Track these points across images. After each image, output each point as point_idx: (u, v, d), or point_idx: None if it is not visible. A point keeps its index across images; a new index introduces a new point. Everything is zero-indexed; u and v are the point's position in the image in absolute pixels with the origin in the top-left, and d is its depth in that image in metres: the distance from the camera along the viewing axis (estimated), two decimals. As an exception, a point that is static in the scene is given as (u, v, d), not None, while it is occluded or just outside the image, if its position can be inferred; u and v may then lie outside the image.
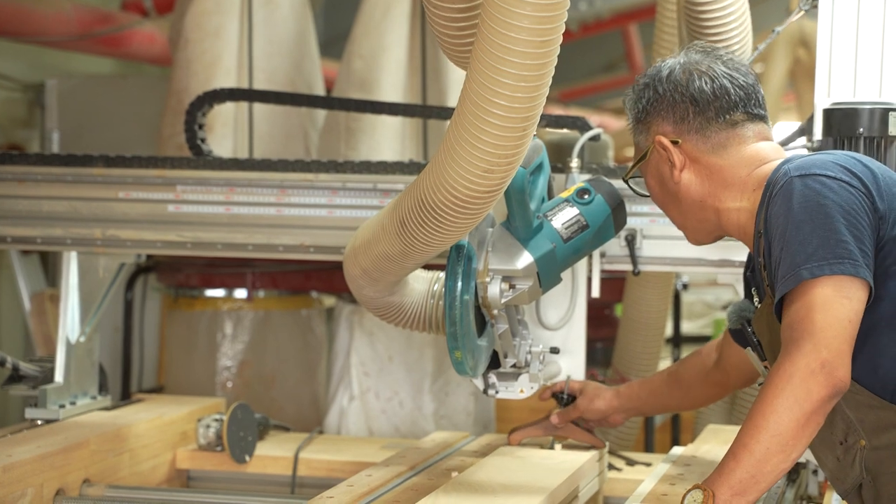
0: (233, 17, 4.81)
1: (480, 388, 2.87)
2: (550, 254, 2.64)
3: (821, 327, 2.08)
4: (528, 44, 1.97)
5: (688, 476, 2.77)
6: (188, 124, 3.47)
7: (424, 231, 2.35)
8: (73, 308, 3.45)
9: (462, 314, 2.54)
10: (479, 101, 2.06)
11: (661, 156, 2.42)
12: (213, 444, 3.41)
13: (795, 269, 2.12)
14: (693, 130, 2.39)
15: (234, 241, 3.37)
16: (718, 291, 7.39)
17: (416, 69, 4.87)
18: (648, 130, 2.45)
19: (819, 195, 2.16)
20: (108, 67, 6.84)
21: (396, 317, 2.87)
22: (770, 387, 2.09)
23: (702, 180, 2.39)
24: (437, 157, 2.25)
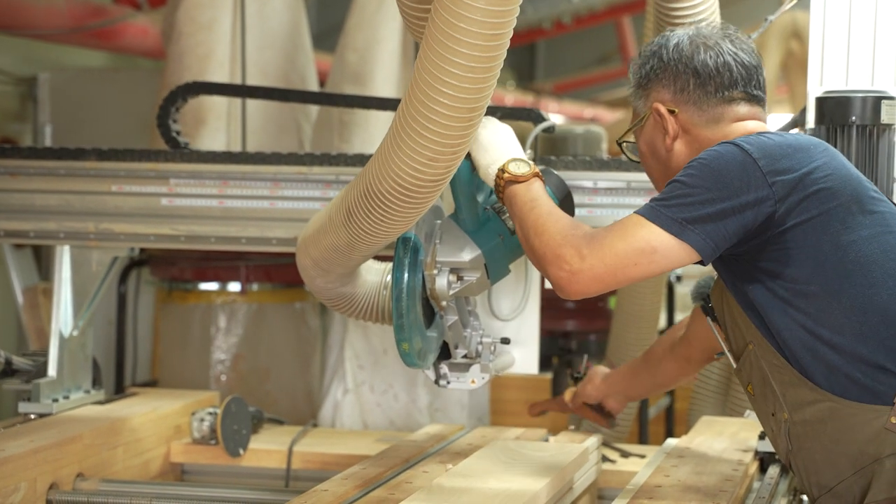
0: (226, 10, 4.80)
1: (432, 378, 2.87)
2: (498, 246, 2.66)
3: (608, 250, 2.19)
4: (479, 35, 2.00)
5: (682, 467, 2.77)
6: (161, 119, 3.46)
7: (370, 220, 2.37)
8: (67, 302, 3.44)
9: (409, 306, 2.55)
10: (427, 89, 2.08)
11: (656, 123, 2.45)
12: (207, 437, 3.41)
13: (649, 202, 2.24)
14: (691, 102, 2.42)
15: (228, 235, 3.37)
16: (712, 283, 7.40)
17: (410, 62, 4.86)
18: (648, 97, 2.47)
19: (717, 157, 2.23)
20: (100, 61, 6.82)
21: (348, 307, 2.89)
22: (561, 223, 2.27)
23: (690, 152, 2.41)
24: (383, 145, 2.26)
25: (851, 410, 2.22)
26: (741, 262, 2.29)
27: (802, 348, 2.25)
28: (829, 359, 2.23)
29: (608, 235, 2.22)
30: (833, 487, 2.25)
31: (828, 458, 2.26)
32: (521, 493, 2.44)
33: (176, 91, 3.51)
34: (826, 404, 2.24)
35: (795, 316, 2.25)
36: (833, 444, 2.25)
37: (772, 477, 2.84)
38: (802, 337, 2.25)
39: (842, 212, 2.24)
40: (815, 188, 2.23)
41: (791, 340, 2.26)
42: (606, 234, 2.22)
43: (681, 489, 2.59)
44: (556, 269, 2.23)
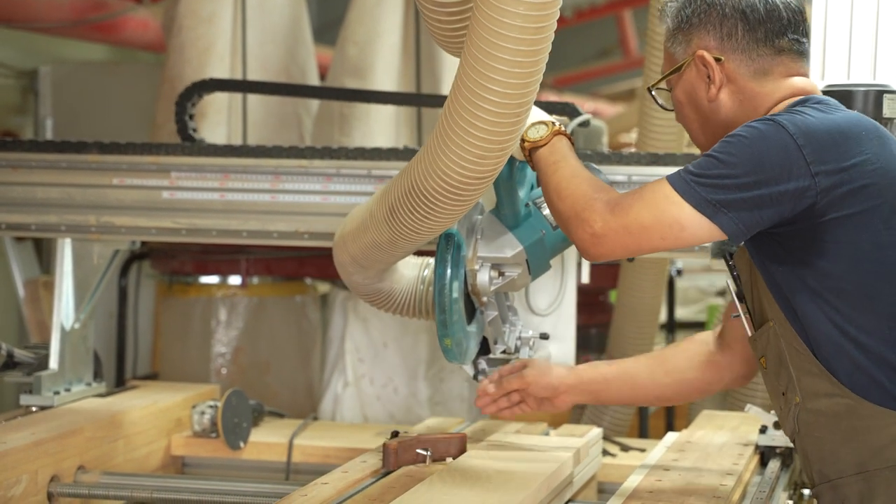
0: (226, 3, 4.80)
1: (470, 374, 2.87)
2: (539, 241, 2.64)
3: (634, 219, 2.13)
4: (523, 30, 1.96)
5: (682, 461, 2.77)
6: (178, 115, 3.46)
7: (414, 218, 2.34)
8: (68, 295, 3.44)
9: (451, 302, 2.54)
10: (474, 86, 2.05)
11: (699, 71, 2.30)
12: (207, 430, 3.41)
13: (680, 170, 2.15)
14: (738, 50, 2.27)
15: (229, 228, 3.37)
16: (713, 277, 7.39)
17: (411, 55, 4.86)
18: (689, 42, 2.31)
19: (760, 137, 2.12)
20: (101, 54, 6.82)
21: (386, 303, 2.86)
22: (584, 186, 2.21)
23: (734, 103, 2.29)
24: (429, 143, 2.24)
25: (870, 412, 2.16)
26: (772, 242, 2.19)
27: (828, 341, 2.18)
28: (855, 357, 2.16)
29: (635, 203, 2.14)
30: (833, 480, 2.23)
31: (835, 451, 2.22)
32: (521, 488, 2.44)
33: (192, 87, 3.51)
34: (844, 401, 2.18)
35: (825, 309, 2.17)
36: (844, 440, 2.20)
37: (772, 471, 2.84)
38: (829, 331, 2.18)
39: (886, 210, 2.13)
40: (861, 183, 2.12)
41: (816, 332, 2.19)
42: (634, 202, 2.15)
43: (681, 483, 2.59)
44: (580, 231, 2.18)
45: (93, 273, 3.51)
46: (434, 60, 4.85)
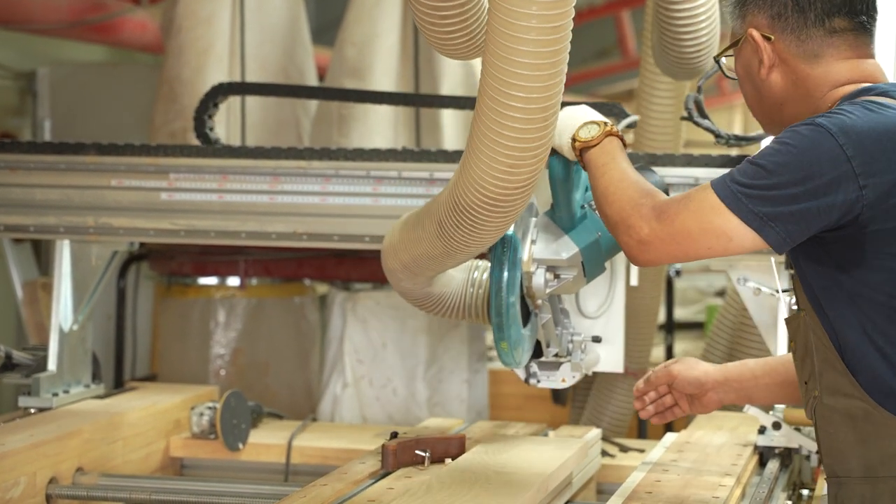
0: (225, 4, 4.80)
1: (522, 377, 2.85)
2: (595, 243, 2.61)
3: (680, 229, 2.11)
4: (540, 31, 1.94)
5: (681, 462, 2.77)
6: (198, 118, 3.45)
7: (462, 232, 2.31)
8: (66, 296, 3.44)
9: (508, 304, 2.52)
10: (497, 95, 2.03)
11: (752, 48, 2.26)
12: (206, 431, 3.41)
13: (725, 176, 2.11)
14: (789, 30, 2.22)
15: (227, 229, 3.37)
16: (711, 278, 7.40)
17: (409, 56, 4.86)
18: (744, 18, 2.28)
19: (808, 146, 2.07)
20: (99, 55, 6.82)
21: (435, 307, 2.82)
22: (631, 190, 2.20)
23: (786, 85, 2.25)
24: (464, 156, 2.21)
25: (886, 421, 2.14)
26: (812, 242, 2.15)
27: (855, 346, 2.15)
28: (878, 365, 2.14)
29: (681, 212, 2.11)
30: (840, 478, 2.22)
31: (845, 451, 2.20)
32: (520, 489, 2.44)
33: (212, 91, 3.51)
34: (861, 404, 2.16)
35: (857, 315, 2.14)
36: (856, 442, 2.19)
37: (771, 471, 2.84)
38: (858, 337, 2.15)
39: None
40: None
41: (845, 334, 2.16)
42: (680, 210, 2.12)
43: (680, 484, 2.59)
44: (626, 237, 2.16)
45: (91, 274, 3.51)
46: (432, 61, 4.85)
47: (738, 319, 4.90)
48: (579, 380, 2.84)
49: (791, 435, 2.90)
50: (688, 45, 3.17)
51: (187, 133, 4.66)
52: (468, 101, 3.95)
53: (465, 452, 2.74)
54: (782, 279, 3.06)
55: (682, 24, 3.10)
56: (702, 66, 3.21)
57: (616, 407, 4.75)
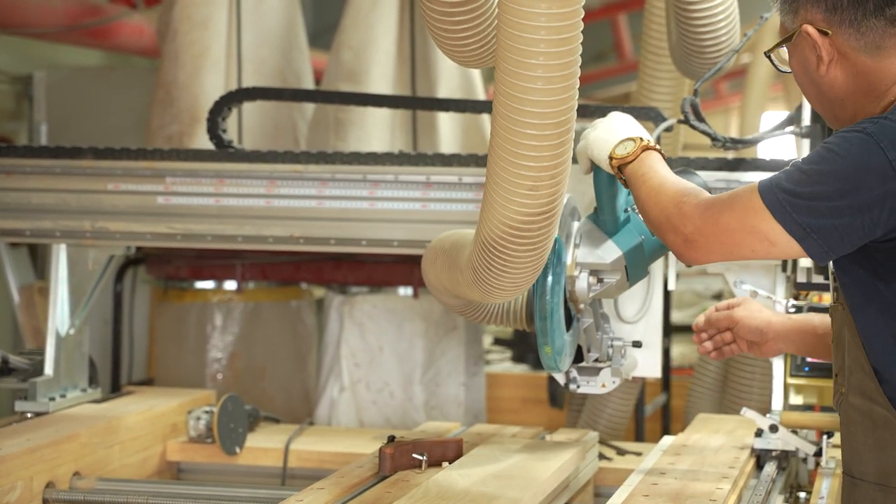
0: (221, 7, 4.80)
1: (562, 382, 2.85)
2: (638, 247, 2.61)
3: (724, 228, 2.09)
4: (549, 43, 1.93)
5: (678, 465, 2.77)
6: (211, 122, 3.44)
7: (493, 274, 2.29)
8: (63, 301, 3.44)
9: (553, 308, 2.51)
10: (510, 112, 2.02)
11: (809, 45, 2.15)
12: (203, 435, 3.41)
13: (772, 179, 2.07)
14: (846, 23, 2.11)
15: (224, 233, 3.36)
16: (708, 281, 7.40)
17: (406, 60, 4.86)
18: (796, 13, 2.17)
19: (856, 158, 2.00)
20: (96, 59, 6.81)
21: (476, 313, 2.80)
22: (672, 190, 2.18)
23: (848, 79, 2.14)
24: (485, 189, 2.19)
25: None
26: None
27: (884, 353, 2.12)
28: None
29: (724, 212, 2.08)
30: (854, 478, 2.20)
31: (862, 453, 2.19)
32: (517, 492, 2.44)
33: (228, 95, 3.51)
34: (884, 412, 2.14)
35: (889, 323, 2.11)
36: (874, 447, 2.17)
37: (768, 474, 2.84)
38: (886, 345, 2.12)
39: None
40: None
41: (876, 340, 2.13)
42: (723, 210, 2.09)
43: (677, 487, 2.59)
44: (672, 235, 2.15)
45: (88, 279, 3.51)
46: (429, 65, 4.85)
47: (735, 322, 4.90)
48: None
49: (788, 438, 2.90)
50: (707, 43, 3.16)
51: (184, 137, 4.66)
52: (468, 104, 3.95)
53: (462, 456, 2.74)
54: (780, 283, 3.06)
55: (701, 23, 3.10)
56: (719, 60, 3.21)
57: (613, 410, 4.75)
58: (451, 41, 2.42)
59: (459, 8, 2.31)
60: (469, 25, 2.38)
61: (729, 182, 3.13)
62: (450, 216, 3.24)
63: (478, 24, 2.38)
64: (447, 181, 3.25)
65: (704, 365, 5.02)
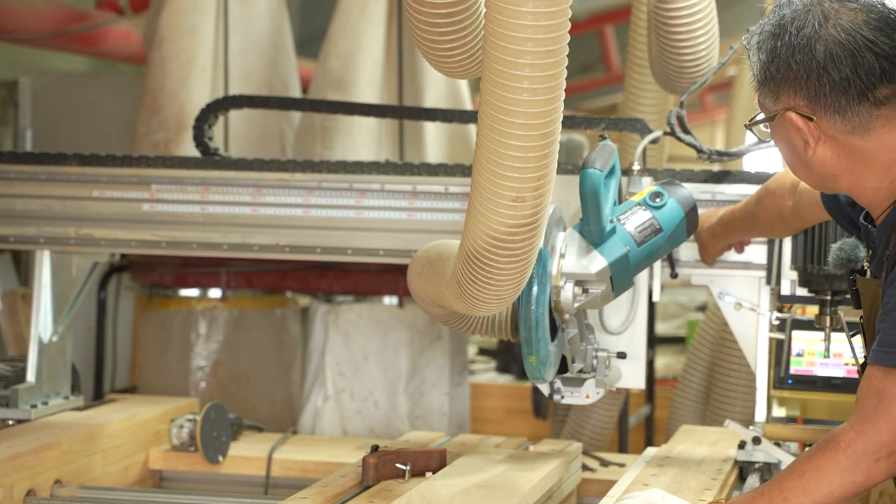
0: (208, 15, 4.80)
1: (546, 393, 2.85)
2: (624, 258, 2.61)
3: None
4: (535, 55, 1.93)
5: (661, 476, 2.77)
6: (197, 129, 3.44)
7: (477, 287, 2.28)
8: (46, 307, 3.43)
9: (538, 319, 2.51)
10: (495, 123, 2.02)
11: (793, 127, 2.12)
12: (186, 444, 3.40)
13: (886, 351, 2.03)
14: (832, 109, 2.08)
15: (210, 241, 3.36)
16: (692, 292, 7.42)
17: (393, 68, 4.87)
18: (777, 98, 2.14)
19: None
20: (82, 65, 6.80)
21: (462, 324, 2.80)
22: (834, 450, 2.05)
23: (839, 157, 2.11)
24: (469, 200, 2.19)
25: None
26: None
27: None
28: None
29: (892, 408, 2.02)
30: None
31: None
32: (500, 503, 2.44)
33: (215, 102, 3.50)
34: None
35: None
36: None
37: (751, 486, 2.84)
38: None
39: None
40: None
41: None
42: (890, 407, 2.02)
43: (660, 498, 2.59)
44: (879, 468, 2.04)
45: (71, 285, 3.50)
46: (416, 74, 4.86)
47: (718, 334, 4.92)
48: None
49: (771, 450, 2.90)
50: (686, 56, 3.17)
51: (170, 144, 4.66)
52: (455, 114, 3.95)
53: (445, 466, 2.73)
54: (764, 295, 3.07)
55: (681, 37, 3.11)
56: (700, 77, 3.22)
57: (597, 421, 4.76)
58: (437, 52, 2.42)
59: (446, 19, 2.31)
60: (455, 37, 2.38)
61: (714, 194, 3.14)
62: (436, 226, 3.24)
63: (464, 35, 2.38)
64: (433, 191, 3.25)
65: (688, 376, 5.03)
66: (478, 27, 2.40)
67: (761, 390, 3.07)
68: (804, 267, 2.89)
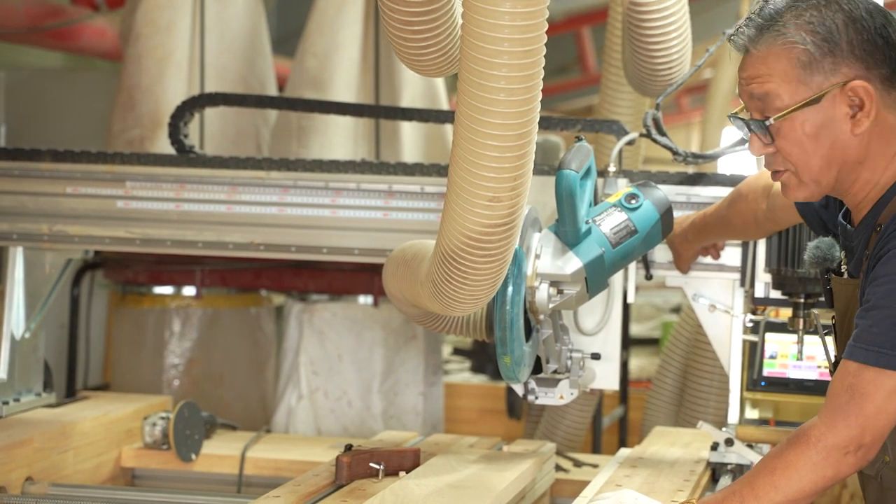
0: (185, 12, 4.78)
1: (520, 393, 2.85)
2: (599, 259, 2.61)
3: (874, 414, 2.03)
4: (512, 55, 1.94)
5: (634, 477, 2.78)
6: (173, 130, 3.43)
7: (452, 287, 2.28)
8: (19, 304, 3.41)
9: (513, 319, 2.51)
10: (472, 123, 2.02)
11: (843, 103, 2.06)
12: (159, 442, 3.39)
13: (872, 347, 2.03)
14: (882, 79, 2.06)
15: (184, 239, 3.34)
16: (667, 294, 7.44)
17: (370, 68, 4.87)
18: (836, 71, 2.05)
19: None
20: (57, 61, 6.76)
21: (437, 324, 2.80)
22: (804, 446, 2.06)
23: (872, 138, 2.09)
24: (445, 200, 2.19)
25: None
26: None
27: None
28: None
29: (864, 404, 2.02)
30: None
31: None
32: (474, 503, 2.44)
33: (191, 100, 3.49)
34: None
35: None
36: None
37: (723, 488, 2.85)
38: None
39: None
40: None
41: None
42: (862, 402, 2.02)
43: (633, 499, 2.59)
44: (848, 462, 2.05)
45: (44, 282, 3.48)
46: (393, 73, 4.85)
47: (692, 336, 4.94)
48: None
49: (743, 452, 2.91)
50: (659, 60, 3.19)
51: (145, 141, 4.64)
52: (431, 114, 3.95)
53: (419, 466, 2.73)
54: (738, 297, 3.08)
55: (654, 40, 3.12)
56: (673, 81, 3.23)
57: (570, 422, 4.77)
58: (410, 50, 2.42)
59: (419, 17, 2.31)
60: (429, 35, 2.38)
61: (689, 196, 3.15)
62: (411, 225, 3.24)
63: (438, 33, 2.38)
64: (409, 190, 3.25)
65: (662, 378, 5.05)
66: (451, 25, 2.40)
67: (734, 392, 3.08)
68: (778, 269, 2.91)
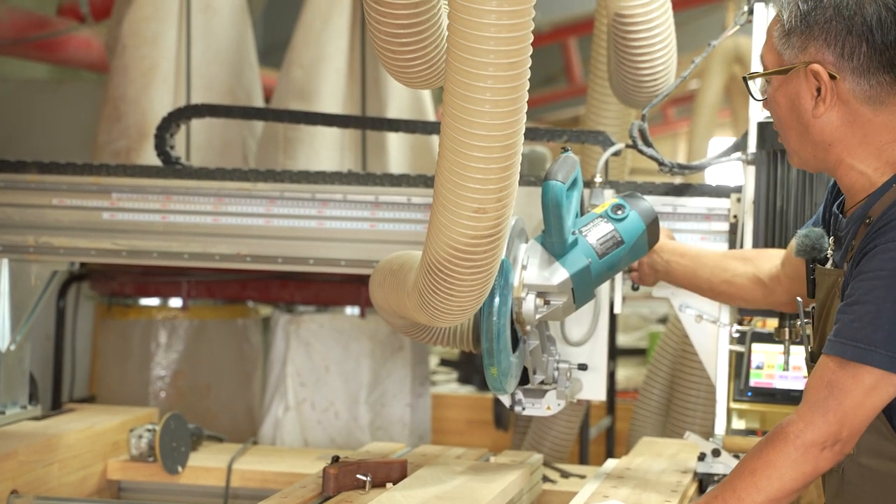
0: (171, 23, 4.78)
1: (507, 404, 2.85)
2: (585, 269, 2.61)
3: (852, 409, 2.04)
4: (498, 66, 1.94)
5: (621, 489, 2.78)
6: (159, 141, 3.42)
7: (439, 298, 2.28)
8: (4, 316, 3.40)
9: (500, 330, 2.51)
10: (457, 134, 2.02)
11: (808, 82, 2.12)
12: (145, 454, 3.38)
13: (853, 342, 2.04)
14: (858, 72, 2.09)
15: (170, 250, 3.34)
16: (654, 305, 7.46)
17: (356, 79, 4.87)
18: (804, 49, 2.11)
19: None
20: (43, 73, 6.75)
21: (424, 335, 2.80)
22: (783, 443, 2.07)
23: (841, 125, 2.12)
24: (432, 211, 2.19)
25: None
26: None
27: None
28: None
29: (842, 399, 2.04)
30: None
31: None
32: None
33: (177, 111, 3.48)
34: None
35: None
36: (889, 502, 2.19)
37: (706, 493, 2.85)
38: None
39: None
40: None
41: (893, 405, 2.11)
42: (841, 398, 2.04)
43: (620, 510, 2.60)
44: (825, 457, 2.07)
45: (30, 294, 3.47)
46: (379, 84, 4.86)
47: (679, 346, 4.95)
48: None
49: (730, 462, 2.92)
50: (644, 71, 3.20)
51: (131, 152, 4.63)
52: (418, 125, 3.96)
53: (406, 477, 2.73)
54: (724, 308, 3.09)
55: (639, 52, 3.13)
56: (658, 92, 3.24)
57: (558, 432, 4.77)
58: (397, 62, 2.42)
59: (406, 29, 2.32)
60: (416, 47, 2.38)
61: (675, 207, 3.16)
62: (398, 236, 3.24)
63: (424, 45, 2.38)
64: (396, 201, 3.25)
65: (649, 389, 5.05)
66: (438, 37, 2.40)
67: (721, 402, 3.08)
68: (764, 280, 2.91)
